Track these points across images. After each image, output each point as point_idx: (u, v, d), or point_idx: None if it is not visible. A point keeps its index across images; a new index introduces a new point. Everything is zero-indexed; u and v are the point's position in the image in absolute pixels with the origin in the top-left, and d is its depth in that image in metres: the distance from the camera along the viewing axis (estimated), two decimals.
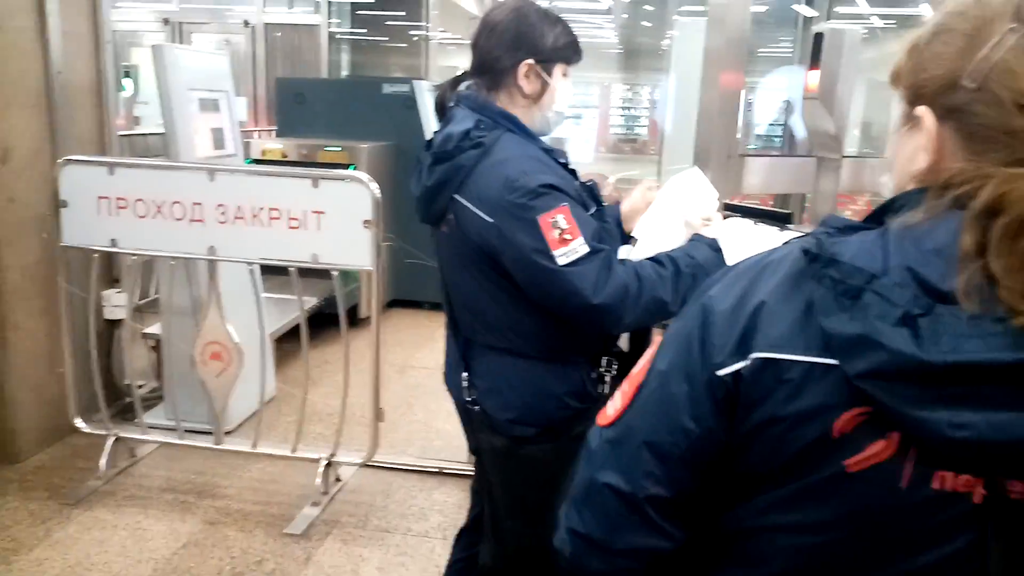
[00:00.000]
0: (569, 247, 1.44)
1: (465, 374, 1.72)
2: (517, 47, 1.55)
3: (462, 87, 1.66)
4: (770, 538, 0.72)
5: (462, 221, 1.56)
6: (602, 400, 1.73)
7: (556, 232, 1.44)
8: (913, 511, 0.64)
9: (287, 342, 4.03)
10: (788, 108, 3.67)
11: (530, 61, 1.55)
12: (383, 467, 3.17)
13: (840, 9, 3.99)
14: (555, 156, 1.61)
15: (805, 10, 3.98)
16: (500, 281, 1.57)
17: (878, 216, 0.71)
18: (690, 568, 0.80)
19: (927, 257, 0.62)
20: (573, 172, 1.64)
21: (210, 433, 3.09)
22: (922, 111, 0.68)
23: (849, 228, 0.70)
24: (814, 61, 1.66)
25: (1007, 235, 0.59)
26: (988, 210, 0.60)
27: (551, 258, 1.44)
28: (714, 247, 1.59)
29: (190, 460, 3.17)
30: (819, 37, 1.65)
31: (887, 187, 0.76)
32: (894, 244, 0.64)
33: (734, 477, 0.73)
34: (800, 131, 3.72)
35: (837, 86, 1.65)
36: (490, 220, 1.49)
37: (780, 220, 1.87)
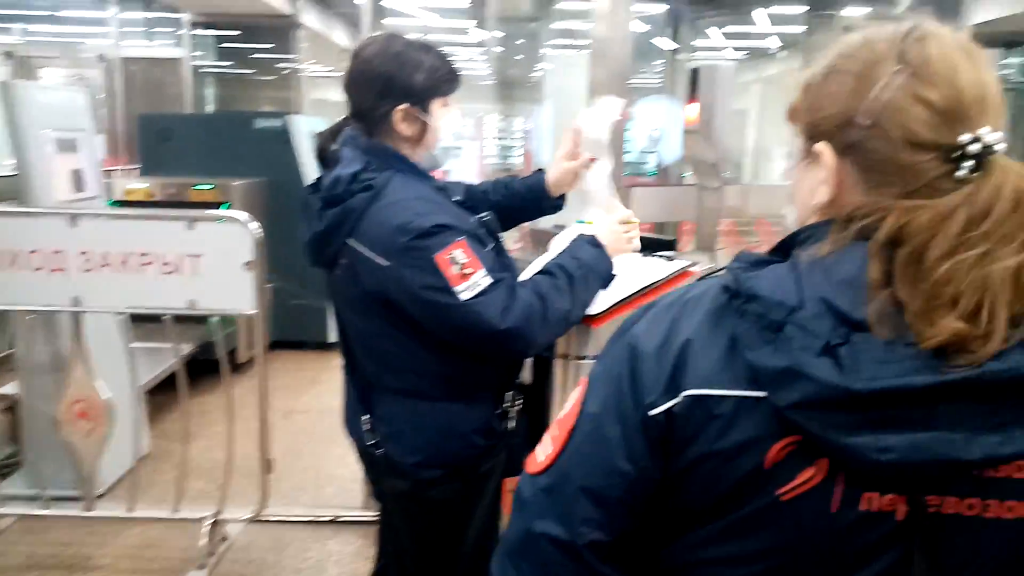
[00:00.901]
0: (471, 281, 1.42)
1: (366, 417, 1.66)
2: (388, 94, 1.52)
3: (346, 130, 1.62)
4: (708, 571, 0.73)
5: (356, 265, 1.52)
6: (508, 436, 1.75)
7: (455, 268, 1.42)
8: (844, 533, 0.66)
9: (159, 394, 3.77)
10: (659, 136, 3.81)
11: (404, 106, 1.52)
12: (273, 521, 3.00)
13: (697, 43, 4.23)
14: (448, 194, 1.60)
15: (666, 43, 4.18)
16: (399, 323, 1.53)
17: (783, 248, 0.74)
18: None
19: (838, 288, 0.64)
20: (470, 208, 1.62)
21: (78, 499, 2.83)
22: (821, 147, 0.71)
23: (760, 262, 0.72)
24: (692, 95, 1.73)
25: (909, 264, 0.62)
26: (890, 241, 0.64)
27: (453, 294, 1.42)
28: (594, 243, 1.59)
29: (56, 531, 2.89)
30: (695, 72, 1.72)
31: (789, 218, 0.79)
32: (806, 276, 0.66)
33: (671, 514, 0.74)
34: (668, 158, 3.89)
35: (714, 119, 1.73)
36: (386, 263, 1.46)
37: (665, 247, 1.92)
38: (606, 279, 1.60)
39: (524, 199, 1.86)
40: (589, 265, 1.56)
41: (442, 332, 1.50)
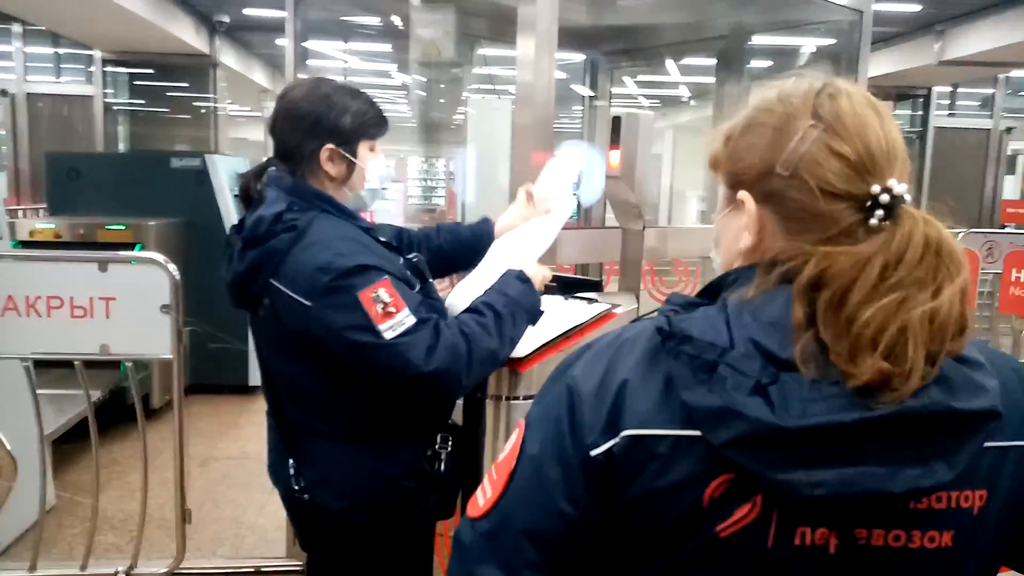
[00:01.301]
0: (395, 319, 1.41)
1: (291, 462, 1.61)
2: (315, 133, 1.52)
3: (270, 171, 1.59)
4: None
5: (278, 305, 1.49)
6: (438, 478, 1.74)
7: (379, 306, 1.40)
8: (780, 568, 0.68)
9: (65, 443, 3.58)
10: (578, 180, 3.90)
11: (331, 146, 1.52)
12: (191, 574, 2.87)
13: (613, 90, 4.41)
14: (375, 234, 1.59)
15: (583, 90, 4.35)
16: (323, 364, 1.50)
17: (712, 291, 0.78)
18: None
19: (766, 329, 0.68)
20: (397, 249, 1.62)
21: None
22: (743, 196, 0.75)
23: (691, 304, 0.75)
24: (614, 142, 1.81)
25: (831, 307, 0.66)
26: (812, 285, 0.68)
27: (377, 334, 1.40)
28: (522, 278, 1.59)
29: None
30: (617, 120, 1.80)
31: (715, 262, 0.84)
32: (734, 318, 0.70)
33: (613, 554, 0.75)
34: (587, 201, 4.01)
35: (636, 165, 1.81)
36: (308, 304, 1.43)
37: (592, 287, 1.98)
38: (534, 315, 1.60)
39: (469, 246, 1.86)
40: (517, 301, 1.56)
41: (367, 374, 1.47)
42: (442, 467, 1.68)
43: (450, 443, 1.72)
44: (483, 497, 0.79)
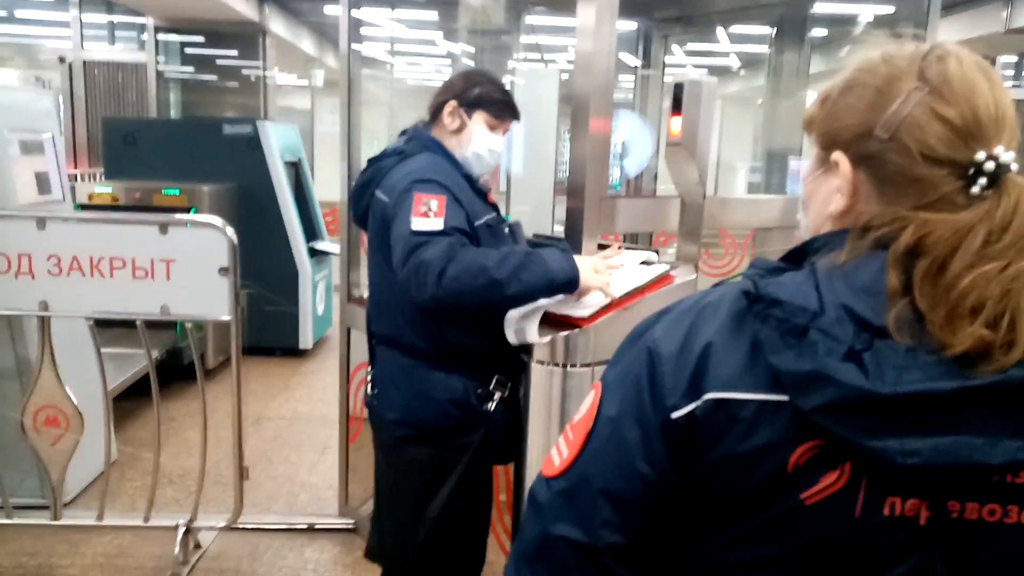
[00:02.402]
0: (427, 220, 1.63)
1: (369, 368, 1.92)
2: (448, 91, 1.88)
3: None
4: (729, 575, 0.73)
5: (373, 210, 1.81)
6: (486, 417, 1.79)
7: (423, 207, 1.64)
8: (867, 538, 0.67)
9: (124, 400, 3.71)
10: (623, 150, 3.86)
11: (454, 102, 1.85)
12: (246, 529, 2.97)
13: (664, 59, 4.32)
14: (475, 184, 1.84)
15: (632, 59, 4.27)
16: (392, 262, 1.71)
17: (796, 256, 0.77)
18: None
19: (858, 295, 0.66)
20: (495, 207, 1.87)
21: (43, 508, 2.77)
22: (838, 156, 0.73)
23: (776, 269, 0.74)
24: (675, 108, 1.78)
25: (928, 275, 0.65)
26: (909, 252, 0.66)
27: (408, 222, 1.63)
28: (564, 248, 1.77)
29: (21, 540, 2.82)
30: (679, 87, 1.77)
31: (801, 225, 0.82)
32: (824, 283, 0.68)
33: (691, 517, 0.74)
34: (632, 172, 3.96)
35: (697, 132, 1.79)
36: (387, 200, 1.73)
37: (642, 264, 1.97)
38: (557, 275, 1.64)
39: None
40: (540, 254, 1.65)
41: (393, 261, 1.67)
42: (492, 407, 1.78)
43: (507, 388, 1.84)
44: (559, 457, 0.80)
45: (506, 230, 1.85)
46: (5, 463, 2.84)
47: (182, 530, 2.75)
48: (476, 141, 1.86)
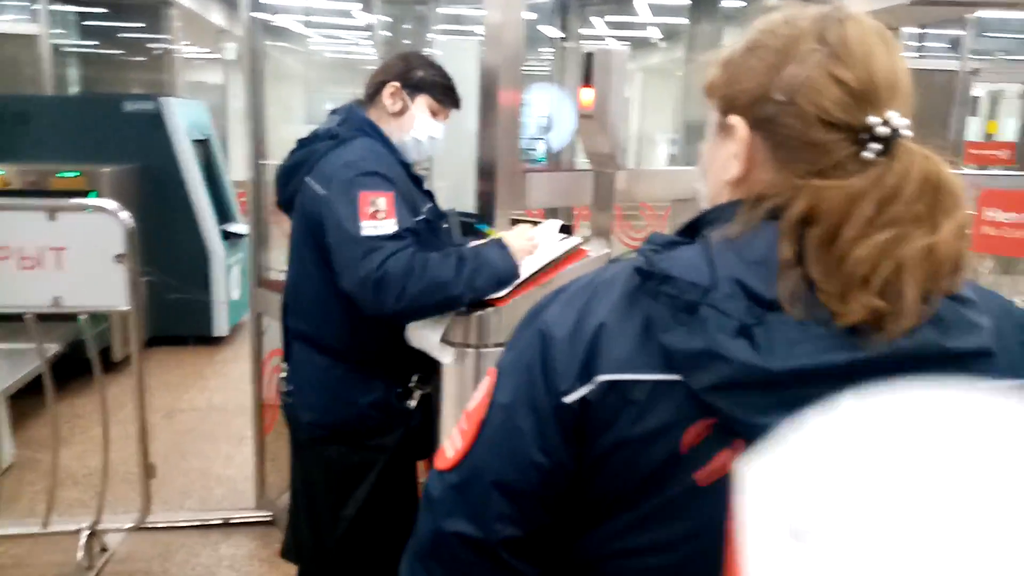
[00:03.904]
0: (378, 223, 1.56)
1: (285, 364, 1.83)
2: (390, 72, 1.79)
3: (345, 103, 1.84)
4: (624, 562, 0.71)
5: (303, 199, 1.70)
6: (405, 415, 1.74)
7: (371, 208, 1.56)
8: None
9: (25, 398, 3.48)
10: (548, 123, 3.82)
11: (396, 83, 1.76)
12: (158, 528, 2.83)
13: (583, 31, 4.28)
14: (411, 171, 1.78)
15: (552, 31, 4.22)
16: (319, 261, 1.66)
17: (692, 229, 0.73)
18: None
19: (751, 268, 0.64)
20: (430, 194, 1.81)
21: None
22: (735, 120, 0.71)
23: (671, 244, 0.71)
24: (586, 80, 1.73)
25: (820, 245, 0.62)
26: (801, 221, 0.64)
27: (357, 226, 1.55)
28: (499, 244, 1.69)
29: None
30: (589, 57, 1.72)
31: (700, 194, 0.79)
32: (718, 257, 0.66)
33: (587, 504, 0.72)
34: (557, 145, 3.91)
35: (609, 103, 1.74)
36: (323, 192, 1.63)
37: (563, 232, 1.92)
38: (503, 275, 1.65)
39: None
40: (485, 256, 1.63)
41: (337, 263, 1.59)
42: (412, 405, 1.73)
43: (426, 387, 1.82)
44: (452, 448, 0.76)
45: (444, 225, 1.81)
46: None
47: (85, 534, 2.60)
48: (417, 126, 1.78)
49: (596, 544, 0.73)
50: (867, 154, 0.64)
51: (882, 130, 0.64)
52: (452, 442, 0.76)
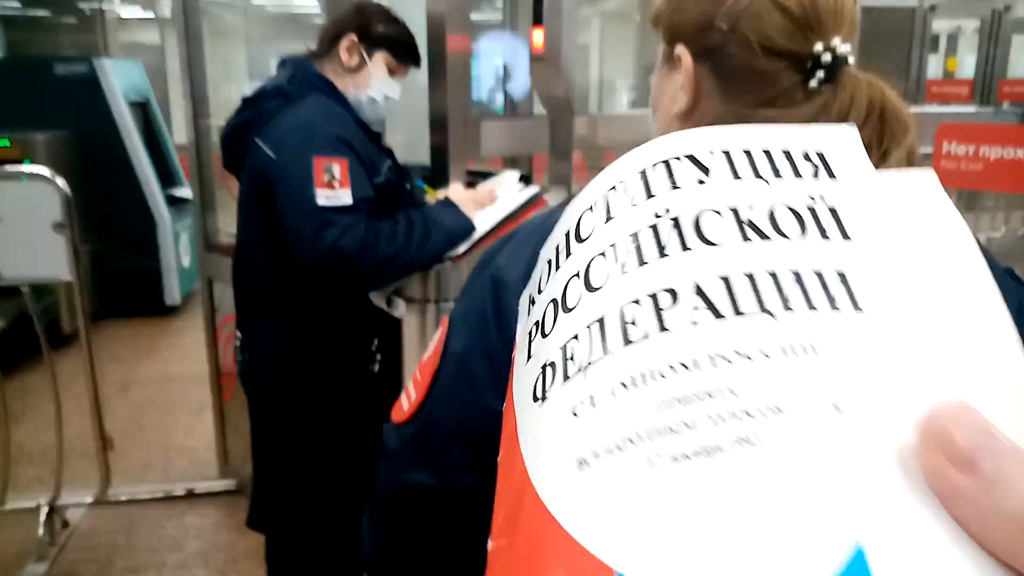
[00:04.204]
0: (333, 192, 1.49)
1: (239, 333, 1.77)
2: (347, 24, 1.67)
3: (290, 55, 1.75)
4: None
5: (252, 162, 1.61)
6: (367, 379, 1.72)
7: (326, 176, 1.49)
8: None
9: None
10: (504, 73, 3.74)
11: (353, 37, 1.64)
12: (119, 502, 2.78)
13: None
14: (367, 128, 1.68)
15: None
16: (270, 226, 1.59)
17: None
18: None
19: None
20: (389, 152, 1.72)
21: None
22: (680, 51, 0.69)
23: None
24: (536, 20, 1.68)
25: None
26: None
27: (311, 195, 1.48)
28: (446, 203, 1.67)
29: None
30: None
31: (652, 130, 0.76)
32: None
33: None
34: (518, 94, 3.84)
35: (560, 44, 1.69)
36: (273, 156, 1.54)
37: (522, 183, 1.89)
38: (455, 233, 1.63)
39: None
40: (434, 217, 1.61)
41: (290, 232, 1.54)
42: (375, 368, 1.69)
43: (388, 347, 1.77)
44: (407, 401, 0.73)
45: (407, 186, 1.76)
46: None
47: (45, 510, 2.53)
48: (374, 84, 1.67)
49: None
50: (813, 83, 0.63)
51: (826, 58, 0.63)
52: (407, 394, 0.74)
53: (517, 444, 0.34)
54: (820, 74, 0.63)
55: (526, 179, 1.88)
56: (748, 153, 0.31)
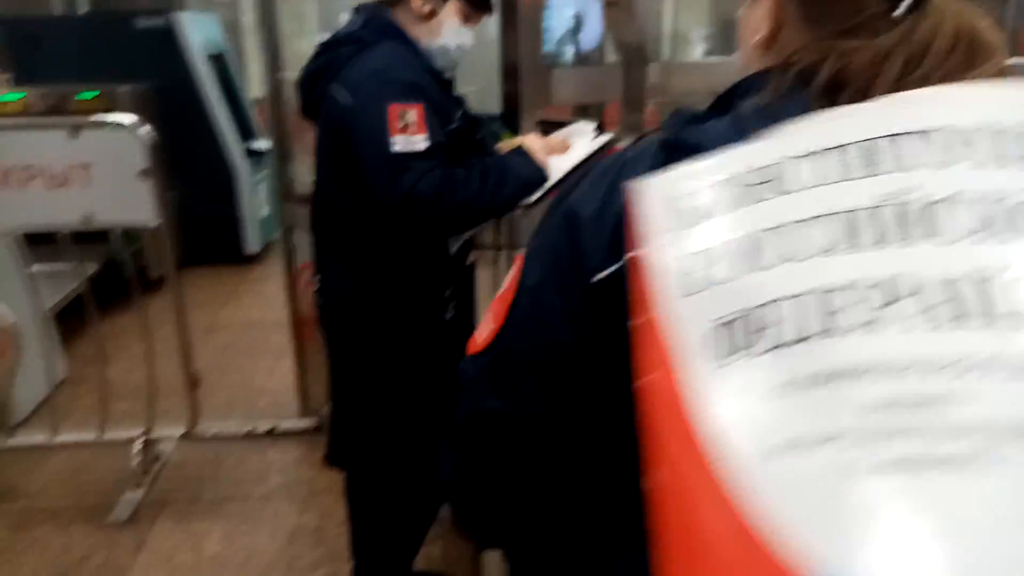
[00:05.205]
0: (408, 138, 1.50)
1: (317, 276, 1.82)
2: None
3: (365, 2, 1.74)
4: None
5: (327, 109, 1.63)
6: (441, 324, 1.76)
7: (400, 122, 1.51)
8: None
9: (68, 318, 3.58)
10: (576, 24, 3.68)
11: None
12: (206, 438, 2.95)
13: None
14: (439, 76, 1.68)
15: None
16: (346, 172, 1.62)
17: (724, 102, 0.71)
18: (601, 487, 0.79)
19: None
20: (460, 100, 1.72)
21: None
22: None
23: (700, 117, 0.68)
24: None
25: None
26: (831, 86, 0.61)
27: (386, 141, 1.50)
28: (519, 152, 1.67)
29: None
30: None
31: (738, 63, 0.76)
32: (750, 128, 0.63)
33: (619, 386, 0.69)
34: (588, 45, 3.78)
35: None
36: (349, 103, 1.57)
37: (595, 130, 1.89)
38: (530, 180, 1.63)
39: None
40: (508, 165, 1.61)
41: (367, 179, 1.56)
42: (448, 315, 1.72)
43: (462, 293, 1.82)
44: (483, 333, 0.77)
45: (480, 132, 1.77)
46: None
47: (139, 442, 2.71)
48: (446, 33, 1.67)
49: (635, 431, 0.73)
50: (897, 12, 0.61)
51: None
52: (483, 327, 0.77)
53: (682, 400, 0.31)
54: (906, 2, 0.61)
55: (600, 128, 1.87)
56: (1001, 133, 0.27)
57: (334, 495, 2.48)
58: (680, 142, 0.64)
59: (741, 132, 0.63)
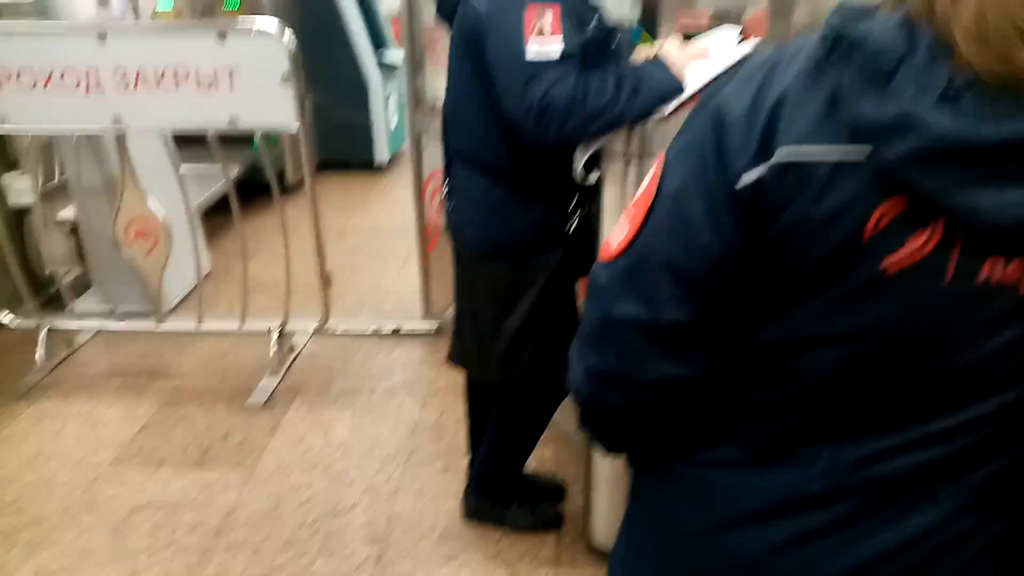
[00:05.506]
0: (544, 40, 1.47)
1: (446, 180, 1.84)
2: None
3: None
4: (805, 353, 0.69)
5: (463, 14, 1.63)
6: (566, 238, 1.75)
7: (537, 25, 1.47)
8: (957, 308, 0.61)
9: (213, 216, 3.83)
10: None
11: None
12: (337, 334, 3.11)
13: None
14: None
15: None
16: (480, 80, 1.61)
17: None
18: (717, 394, 0.77)
19: None
20: (596, 8, 1.64)
21: (148, 315, 2.96)
22: None
23: (864, 13, 0.62)
24: None
25: None
26: None
27: (521, 48, 1.47)
28: (655, 61, 1.60)
29: (132, 344, 3.06)
30: None
31: None
32: (920, 24, 0.57)
33: (762, 293, 0.69)
34: None
35: None
36: (485, 8, 1.55)
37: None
38: (665, 91, 1.57)
39: None
40: (643, 74, 1.56)
41: (500, 83, 1.55)
42: (573, 227, 1.70)
43: (584, 208, 1.77)
44: (616, 239, 0.74)
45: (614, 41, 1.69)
46: (109, 275, 3.02)
47: (276, 333, 2.90)
48: None
49: (774, 335, 0.70)
50: None
51: None
52: (618, 232, 0.75)
53: None
54: None
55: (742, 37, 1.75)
56: None
57: (454, 394, 2.58)
58: (843, 36, 0.59)
59: (907, 28, 0.57)
